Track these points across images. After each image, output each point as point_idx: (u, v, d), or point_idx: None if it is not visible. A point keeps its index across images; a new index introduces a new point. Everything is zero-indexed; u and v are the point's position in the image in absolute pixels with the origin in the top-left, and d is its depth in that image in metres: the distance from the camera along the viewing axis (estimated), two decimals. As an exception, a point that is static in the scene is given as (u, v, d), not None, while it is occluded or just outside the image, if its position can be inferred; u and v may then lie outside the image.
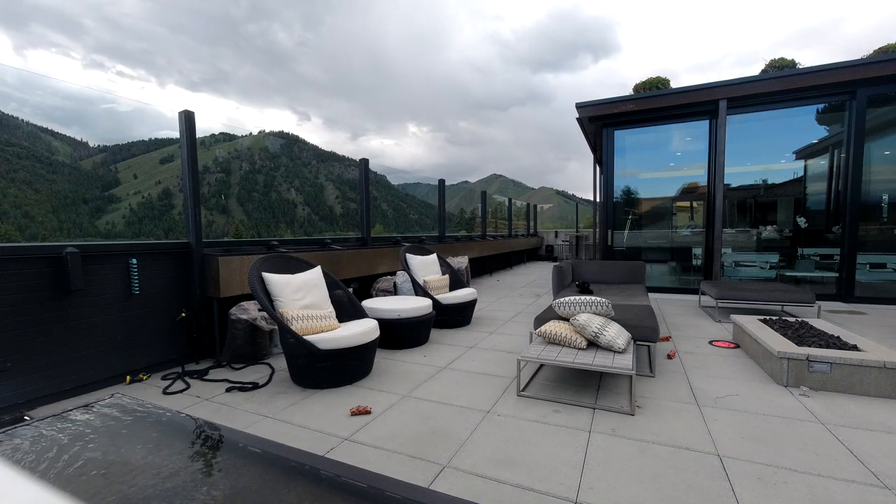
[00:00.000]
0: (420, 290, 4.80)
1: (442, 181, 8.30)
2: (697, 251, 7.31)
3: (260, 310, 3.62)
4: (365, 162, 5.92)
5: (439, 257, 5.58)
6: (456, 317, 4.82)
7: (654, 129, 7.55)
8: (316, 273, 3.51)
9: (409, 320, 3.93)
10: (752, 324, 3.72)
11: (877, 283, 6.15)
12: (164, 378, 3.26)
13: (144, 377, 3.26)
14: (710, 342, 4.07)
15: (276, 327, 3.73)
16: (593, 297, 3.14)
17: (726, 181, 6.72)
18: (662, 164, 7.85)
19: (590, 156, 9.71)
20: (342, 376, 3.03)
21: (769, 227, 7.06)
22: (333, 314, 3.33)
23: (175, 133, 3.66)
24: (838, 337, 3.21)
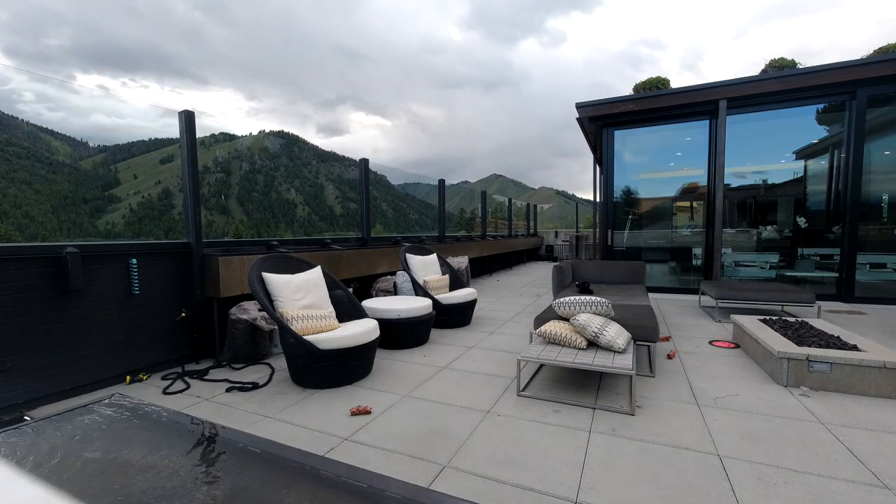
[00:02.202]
0: (420, 290, 4.79)
1: (442, 181, 8.30)
2: (697, 251, 7.31)
3: (260, 310, 3.62)
4: (365, 162, 5.92)
5: (439, 257, 5.58)
6: (456, 317, 4.82)
7: (654, 129, 7.55)
8: (316, 273, 3.51)
9: (409, 320, 3.93)
10: (752, 324, 3.72)
11: (877, 283, 6.15)
12: (164, 378, 3.26)
13: (144, 377, 3.26)
14: (710, 342, 4.07)
15: (276, 327, 3.73)
16: (593, 297, 3.14)
17: (726, 181, 6.72)
18: (662, 164, 7.85)
19: (585, 153, 9.71)
20: (342, 376, 3.03)
21: (769, 227, 7.06)
22: (333, 314, 3.33)
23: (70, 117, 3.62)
24: (838, 337, 3.21)
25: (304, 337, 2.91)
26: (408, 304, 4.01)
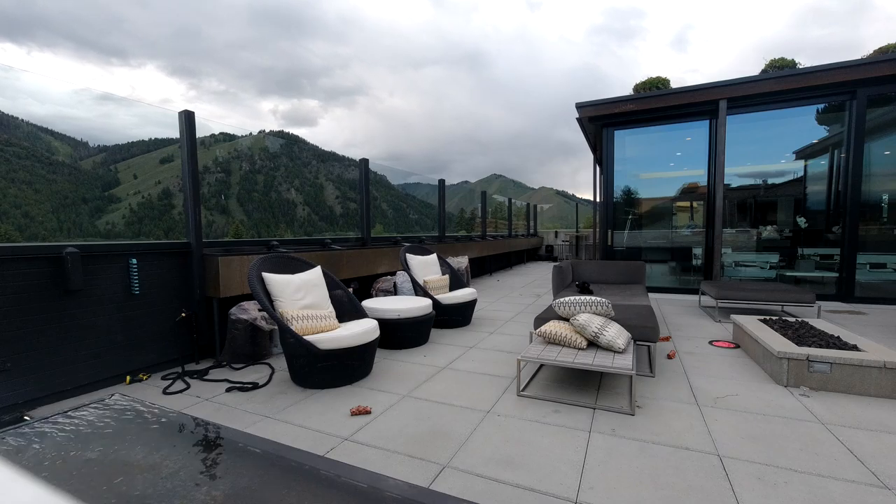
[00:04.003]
0: (420, 290, 4.79)
1: (442, 181, 8.31)
2: (697, 251, 7.31)
3: (260, 310, 3.62)
4: (365, 162, 5.93)
5: (439, 257, 5.58)
6: (456, 317, 4.82)
7: (654, 129, 7.56)
8: (316, 273, 3.51)
9: (409, 320, 3.93)
10: (752, 324, 3.72)
11: (877, 283, 6.15)
12: (164, 378, 3.26)
13: (144, 377, 3.26)
14: (710, 342, 4.07)
15: (276, 327, 3.73)
16: (593, 297, 3.14)
17: (726, 181, 6.72)
18: (662, 164, 7.85)
19: (585, 152, 9.71)
20: (342, 376, 3.03)
21: (769, 227, 7.06)
22: (333, 314, 3.33)
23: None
24: (838, 337, 3.21)
25: (304, 337, 2.91)
26: (408, 304, 4.01)
